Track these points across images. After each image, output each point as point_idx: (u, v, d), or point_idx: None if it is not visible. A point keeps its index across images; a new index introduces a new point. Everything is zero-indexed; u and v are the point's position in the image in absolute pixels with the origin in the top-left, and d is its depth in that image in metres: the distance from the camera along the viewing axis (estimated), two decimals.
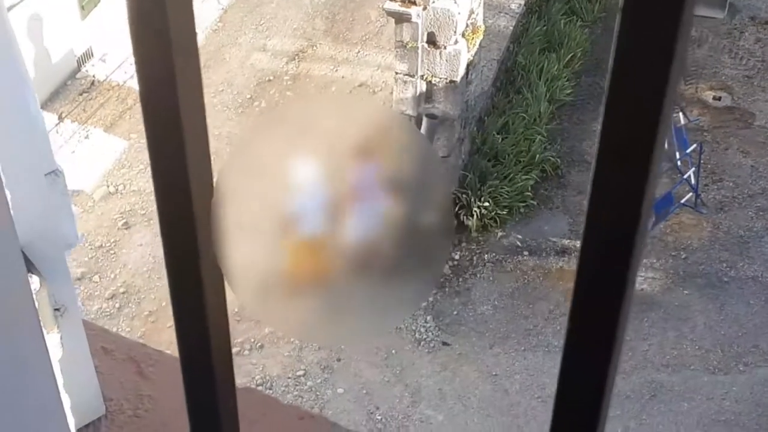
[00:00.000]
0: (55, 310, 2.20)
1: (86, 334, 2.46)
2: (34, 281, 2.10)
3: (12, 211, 2.08)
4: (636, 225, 0.77)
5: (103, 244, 11.72)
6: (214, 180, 0.94)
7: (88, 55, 13.83)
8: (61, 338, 2.19)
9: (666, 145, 12.04)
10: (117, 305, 11.10)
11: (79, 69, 13.73)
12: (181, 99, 0.88)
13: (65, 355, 2.21)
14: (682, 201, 11.85)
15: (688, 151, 11.82)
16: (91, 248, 11.65)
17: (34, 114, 2.33)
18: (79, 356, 2.30)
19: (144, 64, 0.87)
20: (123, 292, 11.25)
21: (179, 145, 0.93)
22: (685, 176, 11.80)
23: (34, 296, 2.03)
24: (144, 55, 0.86)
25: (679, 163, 11.83)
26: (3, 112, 2.23)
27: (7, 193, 2.00)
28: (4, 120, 2.24)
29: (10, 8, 8.94)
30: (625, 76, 0.72)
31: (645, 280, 11.30)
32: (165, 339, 9.95)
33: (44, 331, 2.04)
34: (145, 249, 11.62)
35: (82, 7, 13.54)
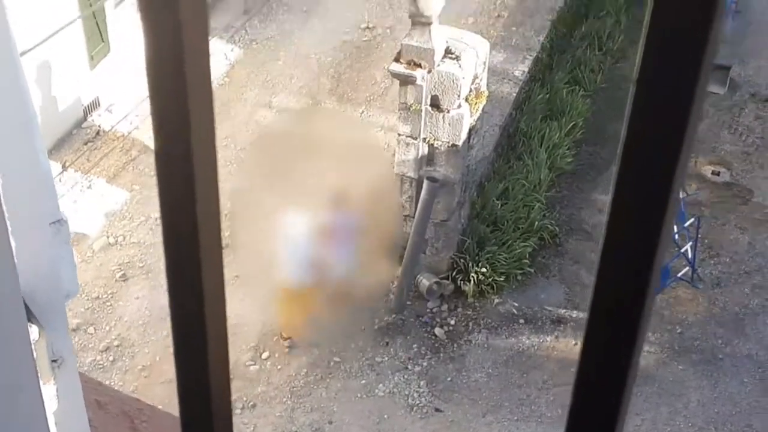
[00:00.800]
0: (53, 361, 2.19)
1: (81, 385, 2.45)
2: (34, 331, 2.10)
3: (16, 260, 2.09)
4: (645, 290, 0.78)
5: (100, 296, 11.69)
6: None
7: (94, 105, 13.93)
8: (57, 390, 2.18)
9: None
10: (111, 358, 11.05)
11: (85, 118, 13.82)
12: (194, 146, 0.90)
13: (60, 407, 2.20)
14: (679, 275, 11.86)
15: (686, 224, 11.85)
16: (88, 299, 11.62)
17: (43, 164, 2.35)
18: (74, 409, 2.29)
19: (160, 113, 0.89)
20: (117, 345, 11.19)
21: (191, 196, 0.94)
22: (683, 250, 11.82)
23: (33, 346, 2.03)
24: (160, 104, 0.88)
25: (676, 236, 11.85)
26: (12, 162, 2.25)
27: (13, 241, 2.01)
28: (13, 169, 2.26)
29: (20, 55, 9.00)
30: (638, 148, 0.74)
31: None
32: (158, 394, 9.87)
33: (41, 383, 2.04)
34: (141, 302, 11.59)
35: (92, 57, 13.67)
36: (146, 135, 13.45)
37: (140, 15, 0.84)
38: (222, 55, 15.31)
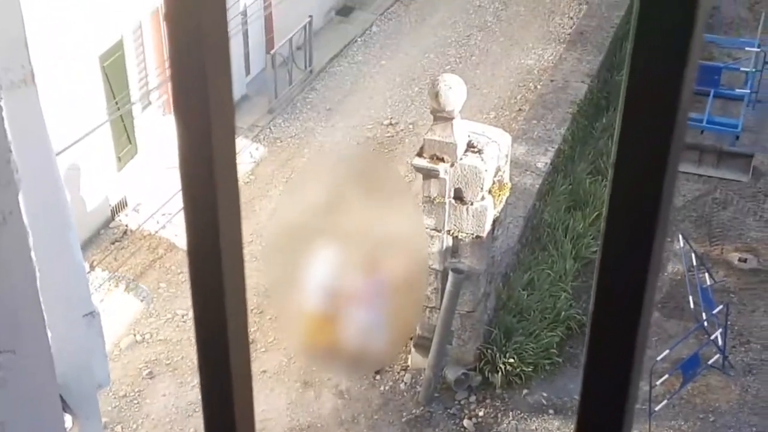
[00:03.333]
0: None
1: None
2: (67, 419, 2.15)
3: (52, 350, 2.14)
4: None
5: (127, 394, 11.70)
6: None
7: (122, 205, 14.14)
8: None
9: (692, 305, 12.03)
10: None
11: (112, 218, 14.02)
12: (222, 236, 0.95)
13: None
14: (710, 362, 11.74)
15: (714, 311, 11.78)
16: (115, 398, 11.63)
17: (77, 258, 2.42)
18: None
19: (191, 207, 0.95)
20: None
21: (219, 288, 0.99)
22: (712, 337, 11.72)
23: None
24: (192, 199, 0.94)
25: (705, 323, 11.77)
26: (48, 257, 2.32)
27: (49, 333, 2.07)
28: (48, 264, 2.33)
29: None
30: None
31: None
32: None
33: None
34: (168, 399, 11.58)
35: (119, 159, 13.92)
36: (172, 233, 13.60)
37: (174, 118, 0.91)
38: (247, 153, 15.56)
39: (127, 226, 13.99)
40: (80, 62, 12.68)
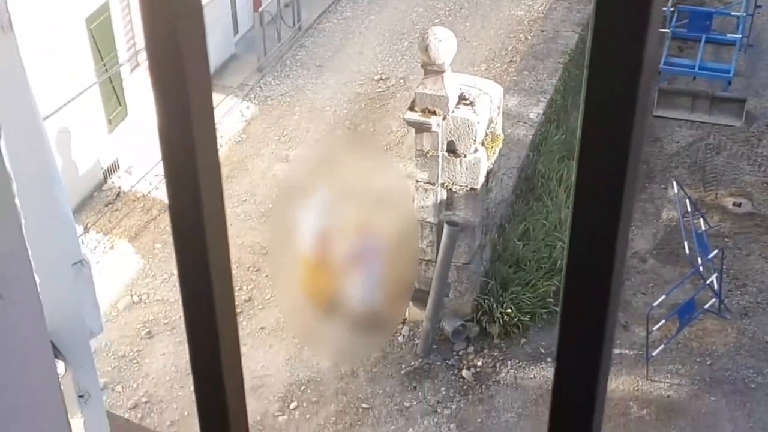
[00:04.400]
0: (80, 396, 2.23)
1: (110, 425, 2.49)
2: (60, 366, 2.14)
3: (41, 297, 2.14)
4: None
5: (126, 354, 11.74)
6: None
7: (114, 168, 14.10)
8: (84, 424, 2.22)
9: (687, 250, 12.05)
10: (139, 415, 11.06)
11: (105, 181, 13.98)
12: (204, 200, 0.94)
13: None
14: (706, 306, 11.79)
15: (709, 256, 11.81)
16: (114, 358, 11.67)
17: (63, 208, 2.41)
18: None
19: (172, 173, 0.94)
20: (145, 402, 11.21)
21: (201, 243, 0.98)
22: (708, 281, 11.76)
23: (60, 381, 2.07)
24: (172, 164, 0.93)
25: (701, 268, 11.81)
26: (34, 204, 2.31)
27: (37, 277, 2.06)
28: (35, 213, 2.32)
29: None
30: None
31: (671, 386, 11.18)
32: None
33: (69, 416, 2.08)
34: (167, 358, 11.63)
35: (109, 121, 13.86)
36: (165, 194, 13.56)
37: (152, 89, 0.90)
38: (238, 112, 15.49)
39: (119, 188, 13.96)
40: (66, 25, 12.58)
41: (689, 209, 12.59)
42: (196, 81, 0.87)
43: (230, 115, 15.36)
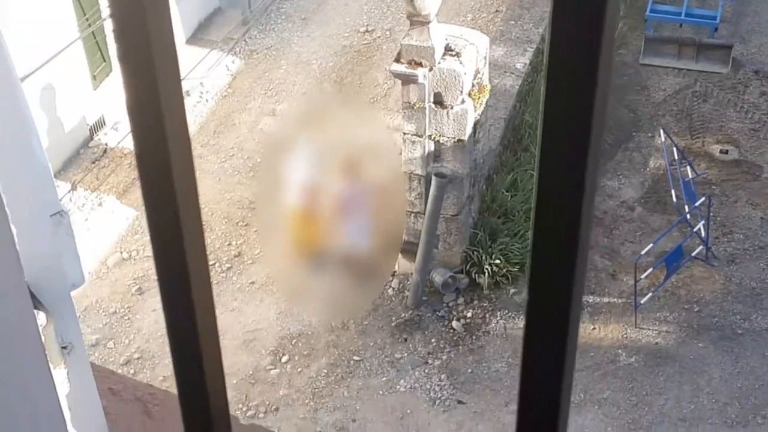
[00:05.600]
0: (62, 347, 2.24)
1: (94, 375, 2.50)
2: (41, 317, 2.14)
3: (19, 248, 2.13)
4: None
5: (117, 311, 11.77)
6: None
7: (100, 124, 14.03)
8: (68, 374, 2.22)
9: (675, 198, 12.09)
10: (132, 371, 11.11)
11: (91, 138, 13.92)
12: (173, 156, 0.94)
13: (72, 391, 2.24)
14: (693, 254, 11.85)
15: (697, 204, 11.84)
16: (105, 315, 11.70)
17: (39, 157, 2.40)
18: (87, 394, 2.33)
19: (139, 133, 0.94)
20: (137, 358, 11.27)
21: (172, 200, 0.98)
22: (695, 229, 11.81)
23: (41, 331, 2.07)
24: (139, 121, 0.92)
25: (688, 216, 11.85)
26: (9, 156, 2.29)
27: (13, 228, 2.06)
28: (10, 163, 2.31)
29: (23, 78, 9.09)
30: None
31: (659, 333, 11.26)
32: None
33: (51, 367, 2.08)
34: (158, 314, 11.65)
35: (94, 77, 13.77)
36: None
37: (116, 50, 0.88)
38: (223, 66, 15.40)
39: (106, 144, 13.90)
40: None
41: (676, 157, 12.61)
42: (160, 39, 0.86)
43: (216, 69, 15.27)
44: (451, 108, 10.88)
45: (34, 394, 1.99)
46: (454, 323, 11.48)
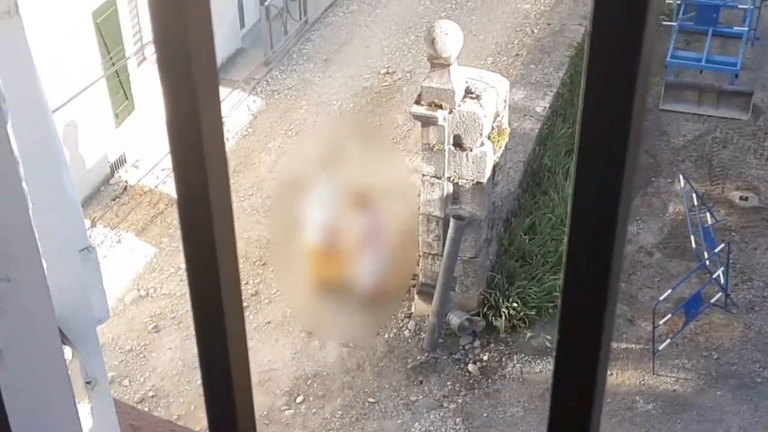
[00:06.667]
0: (87, 382, 2.24)
1: (117, 412, 2.50)
2: (67, 352, 2.15)
3: (48, 283, 2.14)
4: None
5: (133, 348, 11.76)
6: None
7: (121, 162, 14.12)
8: (91, 409, 2.23)
9: (694, 244, 12.04)
10: (146, 409, 11.08)
11: (112, 175, 14.01)
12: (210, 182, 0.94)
13: (95, 427, 2.25)
14: (712, 301, 11.78)
15: (716, 250, 11.79)
16: (121, 352, 11.70)
17: (70, 194, 2.42)
18: (109, 429, 2.33)
19: (180, 166, 0.94)
20: (152, 396, 11.24)
21: (210, 235, 0.98)
22: (714, 276, 11.75)
23: (68, 367, 2.08)
24: (180, 158, 0.93)
25: (707, 262, 11.79)
26: (41, 191, 2.31)
27: (44, 262, 2.07)
28: (42, 198, 2.32)
29: None
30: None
31: (677, 380, 11.17)
32: None
33: (76, 401, 2.09)
34: (174, 353, 11.65)
35: (116, 115, 13.88)
36: (172, 188, 13.58)
37: (160, 79, 0.90)
38: (245, 106, 15.50)
39: (126, 182, 13.98)
40: (73, 19, 12.60)
41: (696, 203, 12.58)
42: (203, 74, 0.87)
43: (237, 109, 15.37)
44: (471, 150, 10.90)
45: (60, 430, 1.99)
46: (470, 366, 11.42)
